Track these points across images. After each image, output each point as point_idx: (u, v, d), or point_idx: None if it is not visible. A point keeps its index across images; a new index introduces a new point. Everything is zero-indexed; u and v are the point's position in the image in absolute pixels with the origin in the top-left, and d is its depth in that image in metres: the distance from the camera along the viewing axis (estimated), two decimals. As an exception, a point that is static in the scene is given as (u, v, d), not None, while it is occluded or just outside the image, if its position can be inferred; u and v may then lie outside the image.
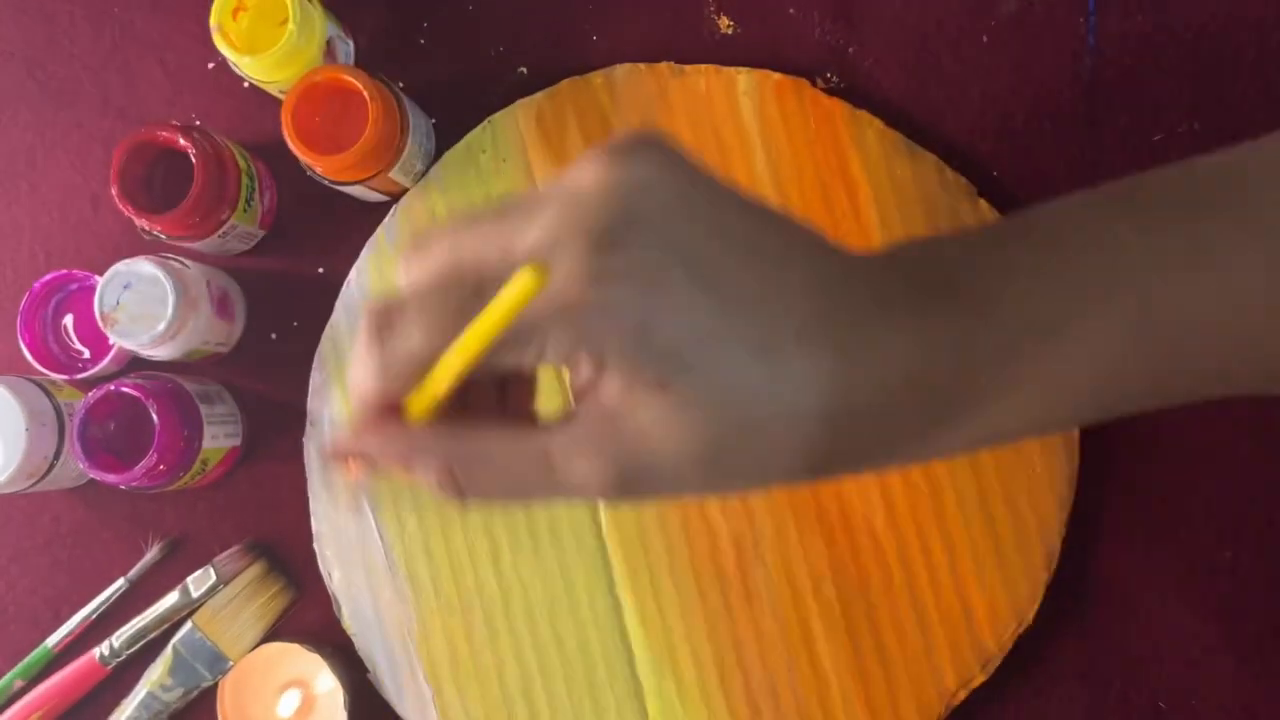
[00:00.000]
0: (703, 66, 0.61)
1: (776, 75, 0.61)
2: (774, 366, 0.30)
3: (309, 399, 0.63)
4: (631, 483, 0.31)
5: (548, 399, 0.34)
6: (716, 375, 0.30)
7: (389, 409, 0.33)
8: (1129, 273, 0.32)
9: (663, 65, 0.62)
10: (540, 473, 0.32)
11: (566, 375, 0.32)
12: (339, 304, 0.63)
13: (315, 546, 0.62)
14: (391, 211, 0.63)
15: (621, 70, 0.62)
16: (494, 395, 0.35)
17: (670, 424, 0.30)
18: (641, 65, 0.62)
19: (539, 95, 0.62)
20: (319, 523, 0.62)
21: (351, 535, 0.61)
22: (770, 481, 0.32)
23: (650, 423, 0.30)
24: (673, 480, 0.31)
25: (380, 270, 0.63)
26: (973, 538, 0.57)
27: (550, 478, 0.32)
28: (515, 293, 0.29)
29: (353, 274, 0.63)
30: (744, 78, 0.61)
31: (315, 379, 0.63)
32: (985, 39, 0.61)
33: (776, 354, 0.30)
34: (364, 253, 0.63)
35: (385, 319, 0.31)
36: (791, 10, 0.63)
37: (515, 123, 0.62)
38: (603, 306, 0.29)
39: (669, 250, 0.29)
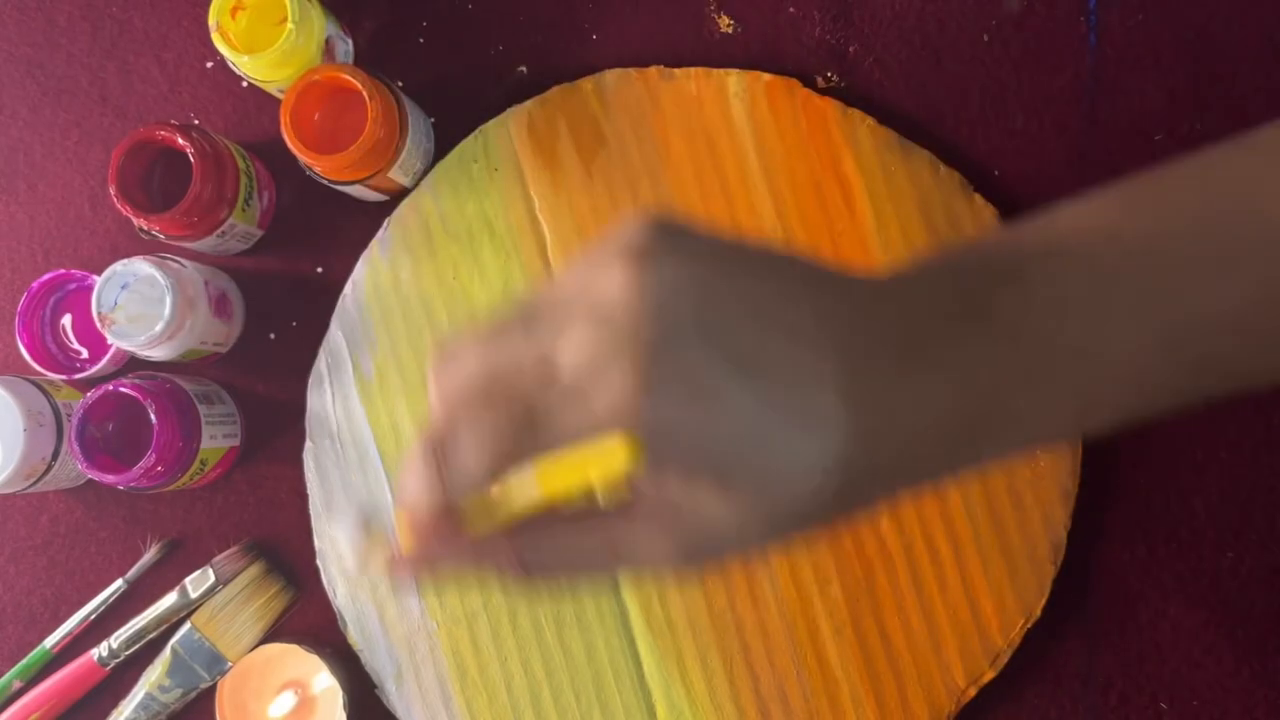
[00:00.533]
0: (692, 70, 0.61)
1: (767, 76, 0.61)
2: (818, 437, 0.31)
3: (306, 418, 0.62)
4: (697, 556, 0.33)
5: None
6: (771, 463, 0.31)
7: (447, 515, 0.34)
8: (1165, 276, 0.32)
9: (652, 70, 0.62)
10: (606, 557, 0.34)
11: None
12: (334, 320, 0.63)
13: (319, 563, 0.62)
14: (385, 224, 0.63)
15: (611, 75, 0.62)
16: None
17: (731, 512, 0.32)
18: (631, 70, 0.62)
19: (529, 103, 0.62)
20: (321, 540, 0.62)
21: (354, 551, 0.61)
22: (815, 523, 0.33)
23: (712, 512, 0.32)
24: (736, 546, 0.33)
25: (375, 284, 0.62)
26: (978, 533, 0.57)
27: (615, 561, 0.34)
28: (605, 464, 0.31)
29: (348, 288, 0.63)
30: (734, 79, 0.61)
31: (312, 399, 0.63)
32: (986, 38, 0.61)
33: (820, 425, 0.31)
34: (358, 266, 0.63)
35: (437, 439, 0.32)
36: (791, 9, 0.63)
37: (506, 131, 0.62)
38: (657, 421, 0.30)
39: (709, 349, 0.30)
